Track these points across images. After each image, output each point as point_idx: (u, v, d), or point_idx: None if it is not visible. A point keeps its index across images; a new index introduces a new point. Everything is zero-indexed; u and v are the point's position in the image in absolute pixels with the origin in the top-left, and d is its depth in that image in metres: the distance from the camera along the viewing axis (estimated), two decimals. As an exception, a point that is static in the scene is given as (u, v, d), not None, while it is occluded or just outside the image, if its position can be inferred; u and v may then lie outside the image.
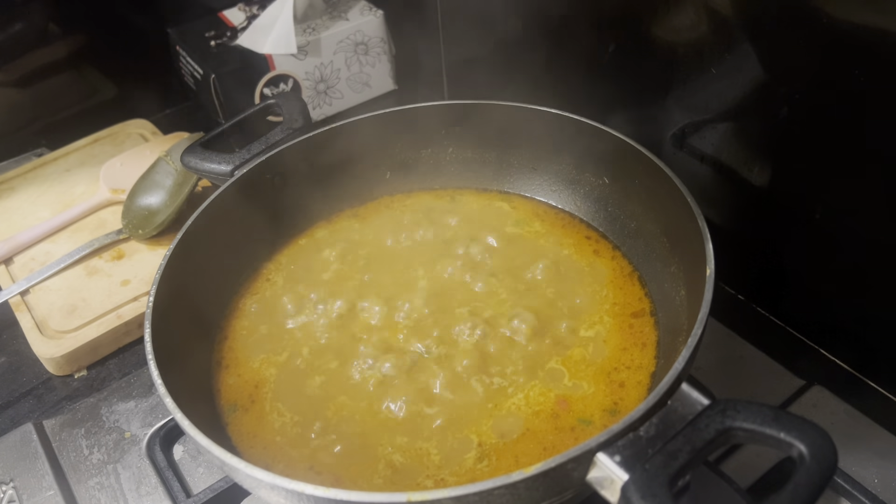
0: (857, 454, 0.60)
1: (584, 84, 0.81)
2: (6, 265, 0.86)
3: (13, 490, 0.64)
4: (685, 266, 0.59)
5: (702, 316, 0.49)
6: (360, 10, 1.04)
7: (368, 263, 0.70)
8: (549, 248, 0.69)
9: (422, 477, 0.53)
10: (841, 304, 0.67)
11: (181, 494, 0.63)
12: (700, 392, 0.44)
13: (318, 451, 0.55)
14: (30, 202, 0.95)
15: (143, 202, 0.87)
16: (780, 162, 0.65)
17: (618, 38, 0.74)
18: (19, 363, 0.78)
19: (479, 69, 0.97)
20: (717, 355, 0.67)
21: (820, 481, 0.39)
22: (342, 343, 0.63)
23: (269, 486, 0.44)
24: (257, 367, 0.62)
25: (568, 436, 0.55)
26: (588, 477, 0.43)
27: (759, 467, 0.59)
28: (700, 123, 0.70)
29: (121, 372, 0.77)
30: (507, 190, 0.77)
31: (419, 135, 0.76)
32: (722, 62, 0.64)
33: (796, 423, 0.41)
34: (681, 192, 0.58)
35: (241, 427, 0.58)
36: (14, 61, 1.02)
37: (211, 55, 1.01)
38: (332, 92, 1.05)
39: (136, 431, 0.69)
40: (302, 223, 0.75)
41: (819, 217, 0.64)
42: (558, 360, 0.60)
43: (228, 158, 0.69)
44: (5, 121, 1.06)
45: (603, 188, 0.70)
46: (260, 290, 0.69)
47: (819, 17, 0.55)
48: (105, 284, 0.82)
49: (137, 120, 1.07)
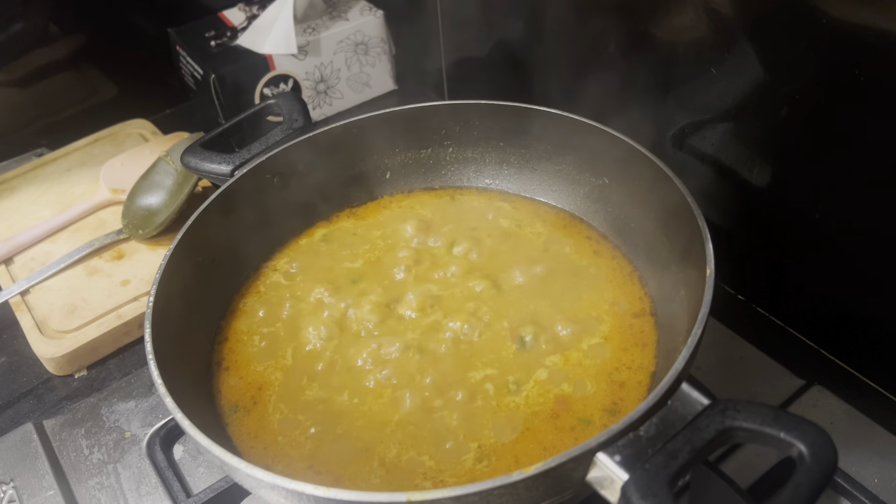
0: (857, 454, 0.60)
1: (585, 84, 0.81)
2: (6, 265, 0.86)
3: (13, 490, 0.64)
4: (685, 266, 0.59)
5: (702, 316, 0.49)
6: (360, 10, 1.04)
7: (368, 263, 0.70)
8: (549, 248, 0.69)
9: (421, 478, 0.53)
10: (841, 304, 0.67)
11: (181, 494, 0.63)
12: (700, 392, 0.44)
13: (318, 452, 0.55)
14: (30, 202, 0.95)
15: (143, 202, 0.87)
16: (780, 162, 0.65)
17: (618, 38, 0.74)
18: (19, 363, 0.78)
19: (479, 69, 0.97)
20: (717, 355, 0.67)
21: (820, 481, 0.39)
22: (343, 343, 0.63)
23: (269, 486, 0.44)
24: (261, 370, 0.62)
25: (568, 436, 0.55)
26: (588, 477, 0.43)
27: (759, 467, 0.59)
28: (700, 123, 0.70)
29: (121, 372, 0.77)
30: (507, 190, 0.77)
31: (419, 135, 0.76)
32: (722, 62, 0.64)
33: (796, 422, 0.41)
34: (681, 192, 0.58)
35: (241, 427, 0.58)
36: (14, 61, 1.02)
37: (211, 55, 1.01)
38: (332, 92, 1.05)
39: (136, 431, 0.69)
40: (302, 223, 0.75)
41: (819, 217, 0.64)
42: (558, 359, 0.59)
43: (228, 158, 0.69)
44: (5, 121, 1.06)
45: (603, 188, 0.70)
46: (260, 290, 0.69)
47: (819, 17, 0.55)
48: (105, 284, 0.82)
49: (137, 120, 1.07)
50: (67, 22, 1.04)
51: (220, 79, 0.98)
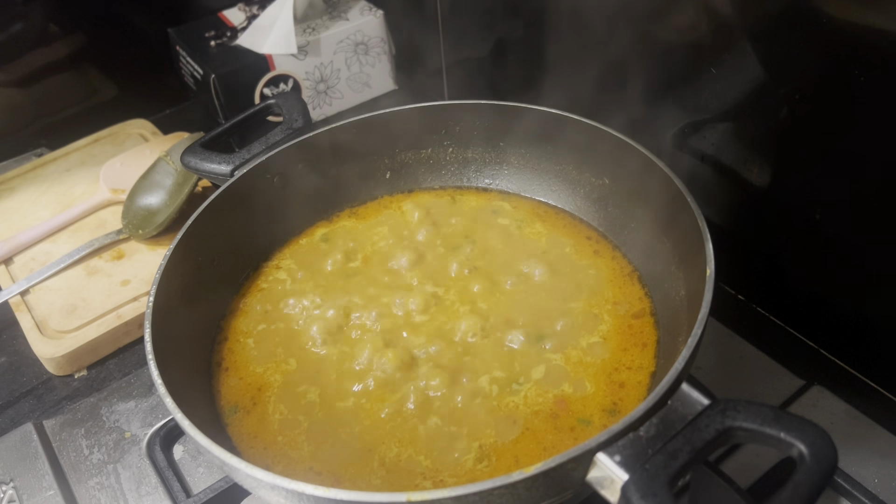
0: (857, 454, 0.60)
1: (585, 84, 0.81)
2: (6, 265, 0.86)
3: (13, 490, 0.64)
4: (685, 266, 0.59)
5: (702, 316, 0.49)
6: (360, 10, 1.04)
7: (368, 263, 0.70)
8: (549, 248, 0.69)
9: (421, 478, 0.53)
10: (841, 304, 0.67)
11: (181, 494, 0.63)
12: (700, 392, 0.44)
13: (318, 452, 0.55)
14: (30, 202, 0.95)
15: (143, 202, 0.87)
16: (780, 162, 0.65)
17: (618, 38, 0.74)
18: (19, 363, 0.78)
19: (479, 69, 0.97)
20: (717, 355, 0.67)
21: (820, 481, 0.39)
22: (343, 343, 0.63)
23: (269, 486, 0.44)
24: (261, 371, 0.62)
25: (567, 436, 0.55)
26: (588, 477, 0.43)
27: (759, 467, 0.59)
28: (700, 123, 0.70)
29: (121, 372, 0.77)
30: (507, 190, 0.77)
31: (419, 135, 0.76)
32: (722, 62, 0.64)
33: (796, 422, 0.41)
34: (681, 192, 0.58)
35: (241, 428, 0.58)
36: (14, 61, 1.02)
37: (211, 55, 1.01)
38: (332, 92, 1.05)
39: (136, 431, 0.69)
40: (302, 223, 0.75)
41: (819, 217, 0.64)
42: (558, 359, 0.59)
43: (228, 158, 0.69)
44: (5, 121, 1.06)
45: (603, 188, 0.70)
46: (260, 289, 0.69)
47: (819, 17, 0.55)
48: (105, 284, 0.82)
49: (137, 120, 1.07)
50: (67, 22, 1.05)
51: (220, 79, 0.98)
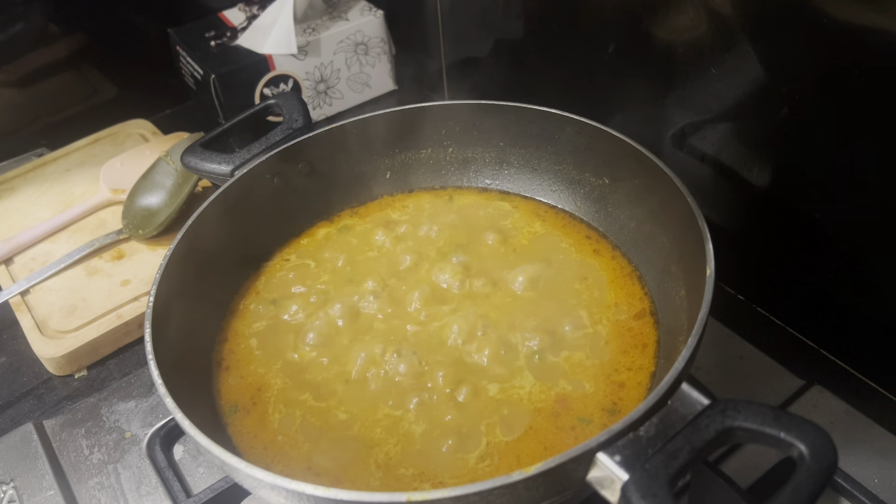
0: (857, 454, 0.60)
1: (585, 84, 0.81)
2: (6, 265, 0.86)
3: (13, 490, 0.64)
4: (685, 266, 0.59)
5: (702, 316, 0.49)
6: (360, 10, 1.04)
7: (369, 263, 0.70)
8: (549, 248, 0.69)
9: (421, 478, 0.53)
10: (841, 304, 0.66)
11: (181, 494, 0.63)
12: (700, 392, 0.44)
13: (318, 452, 0.55)
14: (30, 202, 0.95)
15: (143, 202, 0.87)
16: (780, 162, 0.65)
17: (618, 38, 0.74)
18: (19, 363, 0.78)
19: (479, 69, 0.97)
20: (717, 355, 0.67)
21: (820, 481, 0.39)
22: (342, 343, 0.63)
23: (269, 486, 0.44)
24: (261, 371, 0.62)
25: (568, 435, 0.55)
26: (588, 477, 0.43)
27: (759, 467, 0.59)
28: (700, 123, 0.70)
29: (121, 372, 0.77)
30: (507, 190, 0.77)
31: (419, 135, 0.76)
32: (722, 62, 0.64)
33: (796, 422, 0.41)
34: (681, 192, 0.58)
35: (241, 427, 0.58)
36: (14, 61, 1.02)
37: (211, 55, 1.01)
38: (332, 92, 1.05)
39: (136, 431, 0.69)
40: (302, 223, 0.75)
41: (819, 217, 0.64)
42: (558, 359, 0.59)
43: (228, 158, 0.69)
44: (5, 121, 1.06)
45: (603, 188, 0.70)
46: (261, 289, 0.69)
47: (819, 17, 0.55)
48: (105, 284, 0.82)
49: (137, 120, 1.07)
50: (67, 22, 1.04)
51: (220, 79, 0.98)
